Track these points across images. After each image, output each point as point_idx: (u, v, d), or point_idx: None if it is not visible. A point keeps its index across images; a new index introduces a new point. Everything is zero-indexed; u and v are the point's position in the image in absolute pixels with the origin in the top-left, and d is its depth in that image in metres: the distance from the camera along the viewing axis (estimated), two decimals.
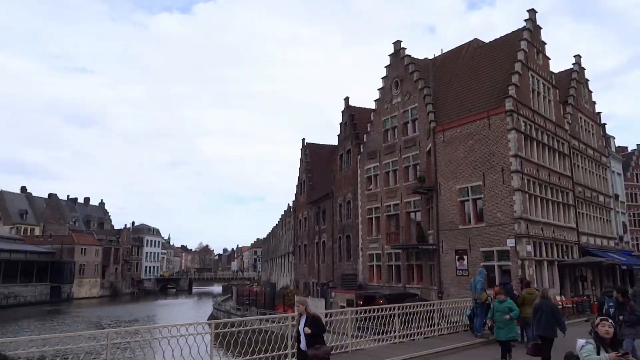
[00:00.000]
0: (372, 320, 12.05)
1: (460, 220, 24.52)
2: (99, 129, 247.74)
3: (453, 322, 14.56)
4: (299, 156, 51.67)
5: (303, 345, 7.48)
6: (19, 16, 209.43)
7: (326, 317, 13.82)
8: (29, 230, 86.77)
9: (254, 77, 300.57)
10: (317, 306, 29.91)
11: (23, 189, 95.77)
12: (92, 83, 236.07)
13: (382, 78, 33.11)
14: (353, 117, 37.03)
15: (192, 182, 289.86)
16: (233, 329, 9.72)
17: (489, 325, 12.42)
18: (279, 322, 11.43)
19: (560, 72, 31.95)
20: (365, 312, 12.19)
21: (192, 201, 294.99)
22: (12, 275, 63.99)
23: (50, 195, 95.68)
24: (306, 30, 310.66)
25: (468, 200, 24.40)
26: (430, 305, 14.03)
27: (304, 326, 7.53)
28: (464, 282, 23.01)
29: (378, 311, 12.15)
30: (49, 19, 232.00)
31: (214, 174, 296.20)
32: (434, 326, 13.88)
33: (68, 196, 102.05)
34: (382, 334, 12.15)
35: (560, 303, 21.29)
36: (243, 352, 9.57)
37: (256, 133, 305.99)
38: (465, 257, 23.87)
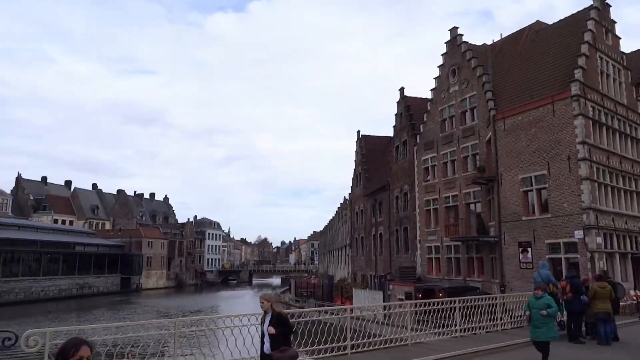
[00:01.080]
0: (431, 313, 11.88)
1: (524, 211, 23.60)
2: (160, 127, 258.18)
3: (517, 317, 14.06)
4: (355, 149, 51.56)
5: (267, 348, 6.73)
6: (83, 23, 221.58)
7: (385, 309, 13.79)
8: (100, 224, 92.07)
9: (308, 72, 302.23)
10: (374, 298, 29.85)
11: (94, 185, 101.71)
12: (152, 83, 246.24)
13: (439, 66, 32.33)
14: (409, 108, 36.44)
15: (248, 177, 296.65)
16: (292, 319, 9.88)
17: (558, 320, 11.90)
18: (337, 314, 11.52)
19: (632, 53, 29.89)
20: (424, 305, 12.03)
21: (250, 195, 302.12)
22: (86, 267, 68.24)
23: (118, 191, 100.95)
24: (357, 22, 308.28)
25: (532, 190, 23.43)
26: (492, 299, 13.64)
27: (268, 325, 6.74)
28: (528, 275, 22.18)
29: (438, 304, 11.95)
30: (111, 25, 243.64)
31: (270, 169, 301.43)
32: (497, 320, 13.48)
33: (135, 192, 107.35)
34: (442, 327, 11.93)
35: (635, 298, 20.11)
36: (303, 342, 9.72)
37: (311, 127, 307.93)
38: (529, 249, 22.97)
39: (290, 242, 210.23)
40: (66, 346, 2.76)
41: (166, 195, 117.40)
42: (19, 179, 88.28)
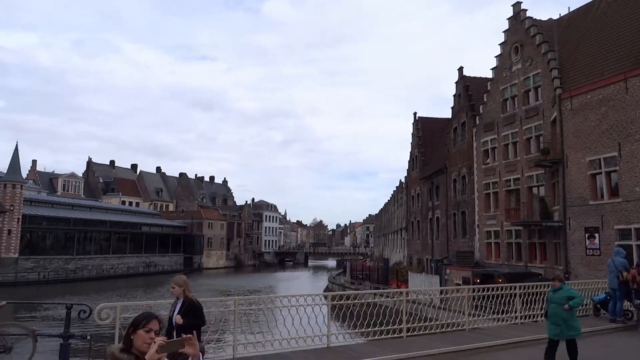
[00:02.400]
0: (490, 299, 11.62)
1: (591, 195, 22.41)
2: (220, 111, 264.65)
3: (582, 305, 13.48)
4: (411, 131, 50.70)
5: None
6: (145, 12, 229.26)
7: (441, 293, 13.63)
8: (164, 206, 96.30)
9: (363, 54, 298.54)
10: (431, 283, 29.55)
11: (158, 169, 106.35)
12: (213, 69, 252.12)
13: (500, 44, 31.00)
14: (468, 88, 35.29)
15: (305, 160, 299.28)
16: (348, 301, 9.99)
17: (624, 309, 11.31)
18: (393, 297, 11.52)
19: None
20: (483, 290, 11.78)
21: (306, 178, 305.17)
22: (151, 246, 71.87)
23: (180, 174, 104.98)
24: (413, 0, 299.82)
25: (600, 173, 22.17)
26: None
27: (177, 314, 5.84)
28: (594, 262, 21.16)
29: (497, 290, 11.67)
30: (171, 13, 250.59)
31: (326, 151, 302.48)
32: None
33: (196, 175, 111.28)
34: (501, 313, 11.65)
35: None
36: (358, 324, 9.82)
37: (366, 110, 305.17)
38: (596, 235, 21.85)
39: (345, 225, 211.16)
40: (138, 318, 2.95)
41: (225, 178, 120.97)
42: (89, 163, 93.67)
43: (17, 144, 52.18)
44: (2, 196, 49.42)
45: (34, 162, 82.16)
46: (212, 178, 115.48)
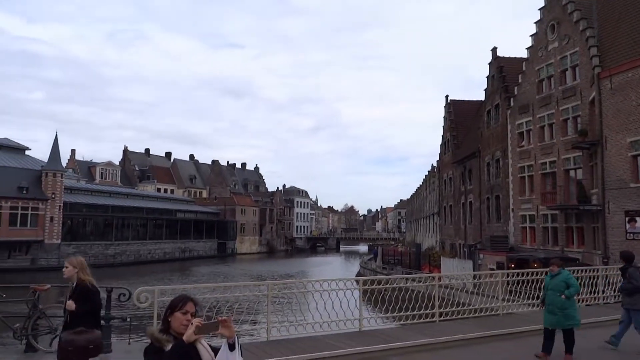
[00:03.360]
0: (525, 284, 11.45)
1: (632, 177, 21.61)
2: (250, 98, 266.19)
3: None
4: (443, 114, 49.88)
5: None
6: (178, 1, 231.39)
7: (474, 278, 13.49)
8: (197, 193, 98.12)
9: (392, 37, 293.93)
10: (464, 267, 29.26)
11: (191, 156, 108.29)
12: (242, 57, 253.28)
13: (536, 22, 29.99)
14: (502, 69, 34.35)
15: (335, 145, 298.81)
16: (380, 286, 10.02)
17: None
18: (425, 282, 11.48)
19: None
20: (517, 275, 11.61)
21: (336, 164, 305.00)
22: (186, 232, 73.53)
23: (213, 161, 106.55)
24: None
25: None
26: (593, 271, 12.84)
27: (69, 299, 5.19)
28: (636, 246, 20.49)
29: (532, 275, 11.48)
30: (202, 2, 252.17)
31: (356, 137, 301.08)
32: (598, 294, 12.70)
33: (228, 162, 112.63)
34: (536, 299, 11.47)
35: None
36: (390, 308, 9.85)
37: (396, 94, 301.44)
38: (637, 219, 21.12)
39: (376, 210, 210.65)
40: (175, 300, 3.06)
41: (256, 165, 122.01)
42: (125, 151, 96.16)
43: (56, 134, 53.93)
44: (44, 185, 51.35)
45: (73, 151, 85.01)
46: (243, 165, 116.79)
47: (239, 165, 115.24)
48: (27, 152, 57.82)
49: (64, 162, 61.53)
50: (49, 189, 51.42)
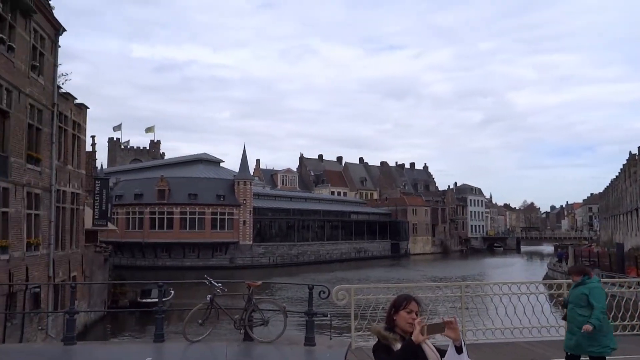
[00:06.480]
0: None
1: None
2: (414, 98, 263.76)
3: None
4: None
5: None
6: (338, 12, 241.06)
7: None
8: (368, 194, 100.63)
9: (567, 12, 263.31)
10: None
11: (360, 159, 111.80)
12: (403, 57, 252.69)
13: None
14: None
15: (507, 139, 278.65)
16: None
17: None
18: (631, 287, 9.93)
19: None
20: None
21: (511, 158, 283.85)
22: (360, 233, 75.98)
23: (382, 163, 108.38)
24: None
25: None
26: None
27: None
28: None
29: None
30: (358, 8, 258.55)
31: (531, 127, 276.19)
32: None
33: (396, 163, 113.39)
34: None
35: None
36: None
37: (577, 76, 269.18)
38: None
39: (561, 206, 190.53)
40: (399, 299, 3.14)
41: (425, 164, 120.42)
42: (301, 158, 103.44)
43: (244, 147, 60.45)
44: (237, 192, 57.97)
45: (258, 161, 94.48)
46: (412, 164, 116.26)
47: (407, 166, 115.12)
48: (221, 164, 66.09)
49: (250, 171, 68.68)
50: (240, 196, 57.88)
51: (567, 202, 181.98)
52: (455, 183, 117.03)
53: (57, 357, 7.89)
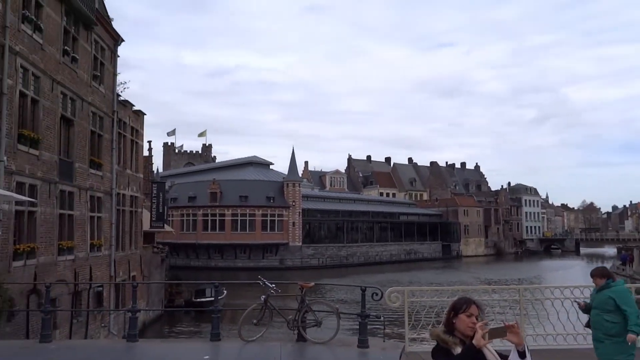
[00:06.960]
0: None
1: None
2: (464, 96, 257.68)
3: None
4: None
5: None
6: (387, 11, 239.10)
7: None
8: (418, 195, 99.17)
9: (629, 2, 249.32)
10: None
11: (409, 160, 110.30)
12: (453, 55, 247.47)
13: None
14: None
15: (564, 136, 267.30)
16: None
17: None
18: None
19: None
20: None
21: (567, 156, 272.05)
22: (410, 234, 74.97)
23: (431, 163, 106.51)
24: None
25: None
26: None
27: None
28: None
29: None
30: (407, 7, 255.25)
31: (590, 124, 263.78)
32: None
33: (446, 162, 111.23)
34: None
35: None
36: None
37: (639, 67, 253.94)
38: None
39: (624, 206, 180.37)
40: (458, 302, 3.09)
41: (477, 164, 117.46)
42: (349, 159, 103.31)
43: (293, 149, 61.26)
44: (286, 194, 58.64)
45: (306, 163, 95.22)
46: (463, 164, 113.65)
47: (457, 165, 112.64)
48: (270, 167, 67.07)
49: (299, 173, 69.28)
50: (289, 198, 58.50)
51: (630, 201, 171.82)
52: (509, 183, 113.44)
53: (121, 353, 8.27)
